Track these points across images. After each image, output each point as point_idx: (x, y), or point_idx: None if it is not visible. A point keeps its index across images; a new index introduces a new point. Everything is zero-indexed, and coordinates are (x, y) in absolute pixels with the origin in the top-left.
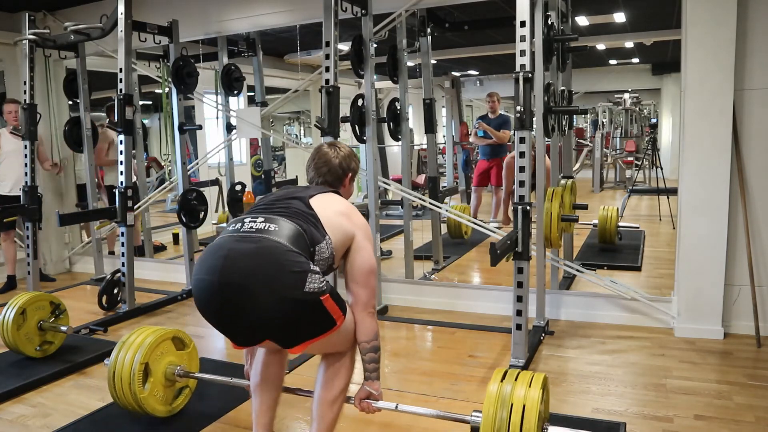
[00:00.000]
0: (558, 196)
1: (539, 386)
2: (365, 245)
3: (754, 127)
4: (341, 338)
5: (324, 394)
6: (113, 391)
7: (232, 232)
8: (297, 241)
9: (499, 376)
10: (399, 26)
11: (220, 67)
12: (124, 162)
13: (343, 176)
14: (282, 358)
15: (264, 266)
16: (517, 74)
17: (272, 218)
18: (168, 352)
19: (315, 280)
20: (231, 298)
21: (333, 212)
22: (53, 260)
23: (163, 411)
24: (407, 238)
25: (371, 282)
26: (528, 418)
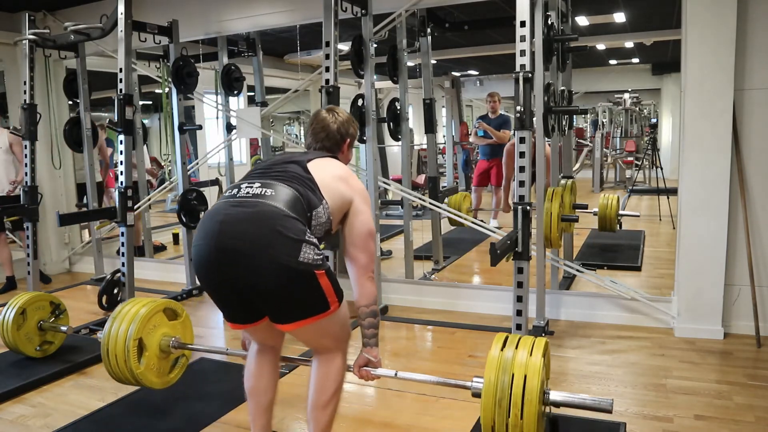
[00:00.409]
0: (558, 196)
1: (541, 351)
2: (363, 209)
3: (754, 127)
4: (333, 329)
5: (316, 398)
6: (108, 367)
7: (229, 197)
8: (294, 205)
9: (500, 342)
10: (399, 26)
11: (220, 67)
12: (124, 162)
13: (341, 142)
14: (275, 359)
15: (259, 231)
16: (517, 74)
17: (269, 183)
18: (161, 324)
19: (310, 251)
20: (227, 262)
21: (331, 177)
22: (53, 260)
23: (160, 383)
24: (407, 238)
25: (370, 246)
26: (530, 384)
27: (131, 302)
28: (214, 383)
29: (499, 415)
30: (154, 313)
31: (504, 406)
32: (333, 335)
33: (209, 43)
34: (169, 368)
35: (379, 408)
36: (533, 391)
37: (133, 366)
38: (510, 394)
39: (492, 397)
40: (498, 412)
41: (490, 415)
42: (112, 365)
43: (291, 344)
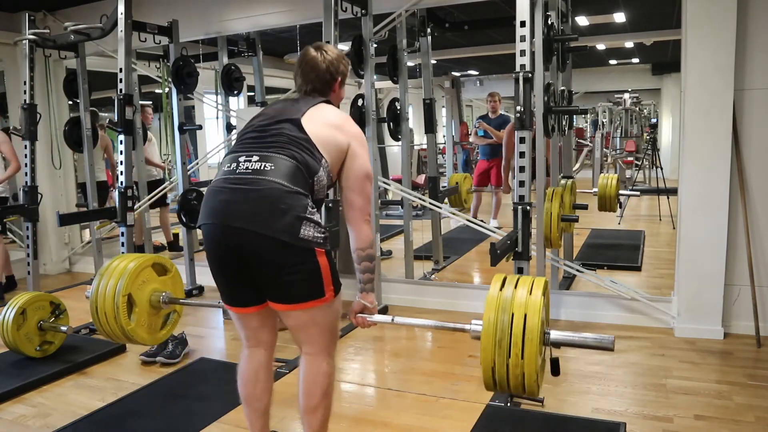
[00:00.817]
0: (558, 196)
1: (540, 290)
2: (360, 152)
3: (754, 127)
4: (323, 321)
5: (305, 403)
6: (98, 324)
7: (229, 173)
8: (294, 178)
9: (499, 282)
10: (399, 26)
11: (220, 67)
12: (124, 162)
13: (332, 81)
14: (268, 362)
15: (262, 210)
16: (517, 74)
17: (267, 156)
18: (150, 279)
19: (310, 229)
20: (232, 241)
21: (326, 127)
22: (53, 260)
23: (151, 339)
24: (407, 238)
25: (366, 188)
26: (530, 323)
27: (119, 258)
28: (214, 383)
29: (499, 356)
30: (142, 268)
31: (504, 347)
32: (321, 327)
33: (209, 43)
34: (161, 324)
35: (379, 408)
36: (534, 330)
37: (124, 322)
38: (510, 334)
39: (492, 338)
40: (498, 353)
41: (490, 357)
42: (102, 323)
43: (290, 344)
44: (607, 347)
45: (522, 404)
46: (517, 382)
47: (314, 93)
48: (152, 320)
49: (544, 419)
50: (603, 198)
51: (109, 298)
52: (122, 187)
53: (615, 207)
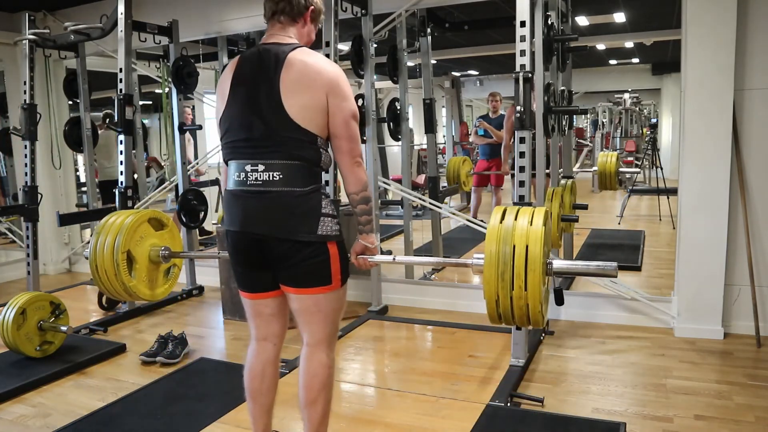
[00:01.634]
0: (558, 196)
1: (541, 220)
2: (339, 93)
3: (754, 127)
4: (326, 308)
5: (305, 396)
6: (99, 282)
7: (240, 184)
8: (303, 177)
9: (499, 213)
10: (399, 26)
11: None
12: (124, 162)
13: (303, 9)
14: (275, 359)
15: (280, 217)
16: (517, 74)
17: (272, 164)
18: (148, 234)
19: (329, 223)
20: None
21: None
22: (53, 260)
23: (152, 295)
24: (407, 238)
25: (352, 129)
26: (532, 253)
27: (115, 214)
28: (214, 383)
29: (502, 288)
30: (139, 223)
31: (507, 279)
32: (324, 314)
33: (209, 43)
34: (162, 279)
35: (379, 408)
36: (536, 260)
37: (125, 279)
38: (512, 266)
39: (494, 270)
40: (501, 285)
41: (493, 289)
42: (103, 280)
43: (291, 345)
44: (610, 274)
45: (522, 404)
46: (521, 313)
47: (284, 16)
48: (153, 275)
49: (543, 419)
50: (603, 175)
51: (108, 255)
52: (122, 187)
53: (615, 184)
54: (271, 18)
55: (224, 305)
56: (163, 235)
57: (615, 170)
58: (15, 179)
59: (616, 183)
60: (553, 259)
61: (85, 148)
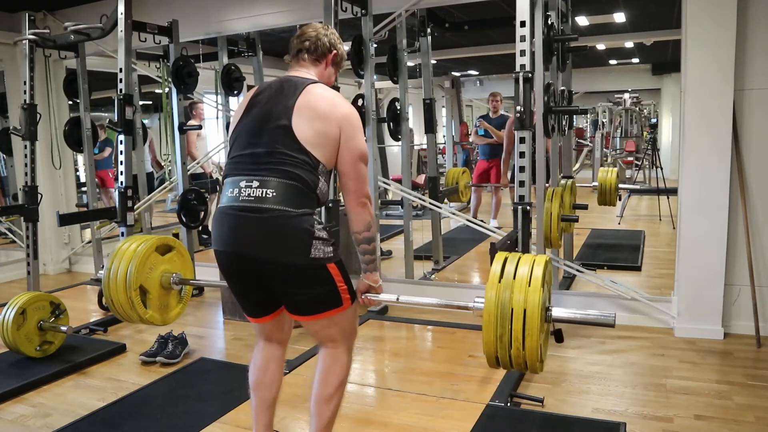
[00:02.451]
0: (558, 196)
1: (542, 268)
2: (352, 133)
3: (754, 127)
4: (342, 323)
5: (320, 391)
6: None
7: (232, 200)
8: (297, 198)
9: (501, 260)
10: (399, 26)
11: (220, 67)
12: (124, 162)
13: (327, 52)
14: (281, 356)
15: (269, 238)
16: (517, 74)
17: (267, 181)
18: (157, 263)
19: (320, 246)
20: (244, 266)
21: (315, 123)
22: (53, 260)
23: (168, 319)
24: (407, 238)
25: (360, 170)
26: (531, 300)
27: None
28: (214, 383)
29: (500, 348)
30: (149, 254)
31: (505, 341)
32: (341, 328)
33: (209, 43)
34: (175, 302)
35: (379, 408)
36: (535, 307)
37: (140, 312)
38: (511, 315)
39: (493, 317)
40: (500, 346)
41: (492, 337)
42: (118, 310)
43: (292, 345)
44: (608, 323)
45: (522, 404)
46: (519, 361)
47: (308, 55)
48: (165, 300)
49: (543, 419)
50: (603, 191)
51: (121, 290)
52: (122, 187)
53: (615, 201)
54: (295, 56)
55: (224, 305)
56: (173, 258)
57: (615, 186)
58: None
59: (616, 199)
60: (552, 306)
61: (85, 148)
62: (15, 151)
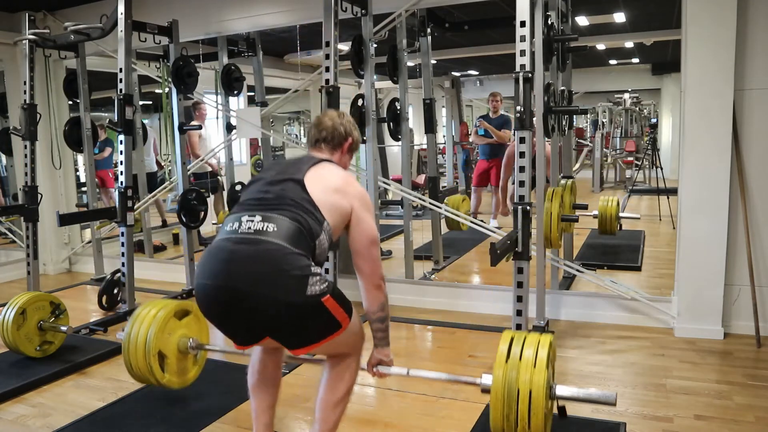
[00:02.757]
0: (558, 196)
1: (546, 349)
2: (364, 216)
3: (754, 127)
4: (346, 341)
5: (328, 397)
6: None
7: (231, 233)
8: (297, 240)
9: (507, 340)
10: (399, 26)
11: (220, 67)
12: (124, 162)
13: (343, 140)
14: (279, 357)
15: (265, 271)
16: (517, 74)
17: (270, 216)
18: (175, 327)
19: (316, 283)
20: (234, 303)
21: (328, 191)
22: (53, 260)
23: (184, 381)
24: (407, 238)
25: (372, 253)
26: (536, 380)
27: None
28: (214, 383)
29: (507, 412)
30: (167, 320)
31: (512, 420)
32: (347, 345)
33: (209, 43)
34: (191, 365)
35: (380, 408)
36: (539, 386)
37: (158, 377)
38: (516, 410)
39: (501, 393)
40: (506, 425)
41: (499, 414)
42: (136, 374)
43: None
44: (609, 402)
45: None
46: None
47: (325, 144)
48: (183, 364)
49: None
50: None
51: (140, 355)
52: (122, 187)
53: (615, 229)
54: (314, 145)
55: None
56: (189, 322)
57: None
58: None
59: (616, 227)
60: (556, 385)
61: (85, 148)
62: (15, 151)
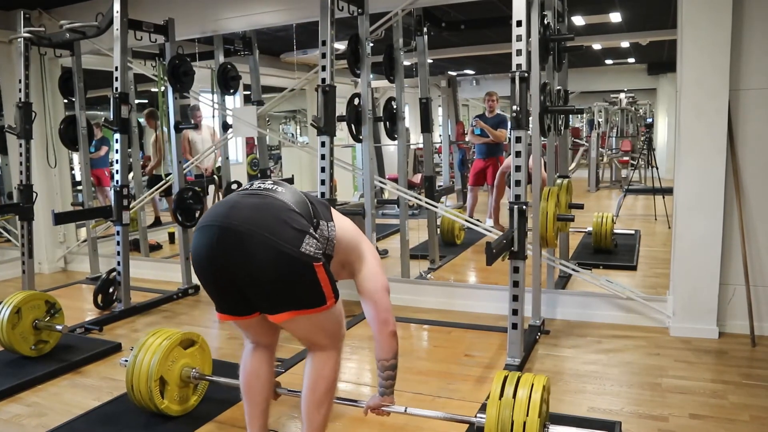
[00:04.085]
0: (554, 195)
1: (540, 390)
2: (373, 263)
3: (749, 127)
4: (327, 326)
5: (310, 397)
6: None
7: (242, 190)
8: (302, 206)
9: (500, 382)
10: (395, 25)
11: (217, 65)
12: (119, 161)
13: None
14: (270, 359)
15: (265, 218)
16: (514, 74)
17: (281, 183)
18: (179, 356)
19: (312, 244)
20: (229, 244)
21: (345, 222)
22: (48, 259)
23: (182, 410)
24: (403, 237)
25: (385, 301)
26: (530, 419)
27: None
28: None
29: None
30: (171, 348)
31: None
32: (327, 331)
33: (205, 42)
34: (191, 394)
35: None
36: (533, 426)
37: (157, 402)
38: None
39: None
40: None
41: None
42: (136, 398)
43: (288, 344)
44: None
45: None
46: None
47: None
48: (183, 393)
49: None
50: (598, 238)
51: (143, 380)
52: (118, 186)
53: (610, 245)
54: None
55: None
56: (194, 352)
57: (610, 231)
58: (10, 178)
59: (611, 244)
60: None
61: (80, 147)
62: (10, 150)
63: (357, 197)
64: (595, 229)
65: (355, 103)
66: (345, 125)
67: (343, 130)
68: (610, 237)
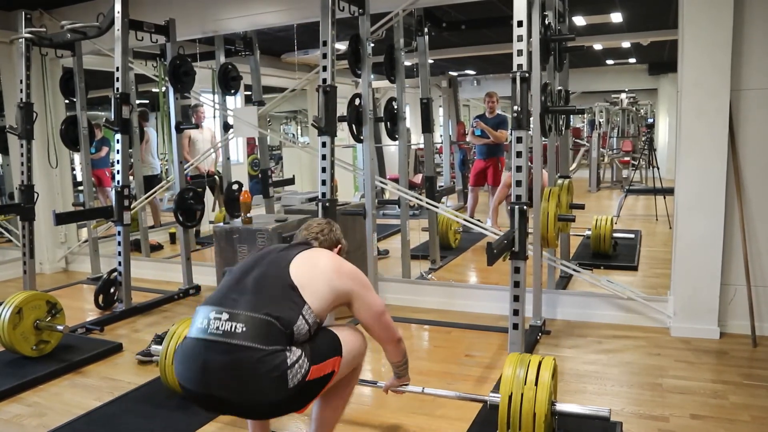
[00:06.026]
0: (555, 195)
1: (549, 371)
2: (364, 294)
3: (750, 127)
4: (343, 372)
5: (328, 415)
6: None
7: (200, 332)
8: (268, 336)
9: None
10: (396, 26)
11: (217, 66)
12: (120, 161)
13: (333, 245)
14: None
15: (243, 381)
16: (515, 74)
17: (237, 315)
18: None
19: (297, 370)
20: (221, 407)
21: (317, 274)
22: (49, 259)
23: None
24: (404, 237)
25: (385, 322)
26: (540, 398)
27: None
28: None
29: (513, 425)
30: None
31: (515, 418)
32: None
33: (206, 42)
34: None
35: (376, 407)
36: (542, 404)
37: None
38: (520, 409)
39: (506, 410)
40: (512, 423)
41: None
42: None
43: None
44: (603, 417)
45: None
46: None
47: (318, 244)
48: None
49: None
50: (597, 238)
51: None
52: (119, 186)
53: (609, 248)
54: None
55: None
56: None
57: (609, 233)
58: (11, 178)
59: (611, 247)
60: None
61: (81, 147)
62: (11, 150)
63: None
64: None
65: (355, 103)
66: (346, 125)
67: (343, 131)
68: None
